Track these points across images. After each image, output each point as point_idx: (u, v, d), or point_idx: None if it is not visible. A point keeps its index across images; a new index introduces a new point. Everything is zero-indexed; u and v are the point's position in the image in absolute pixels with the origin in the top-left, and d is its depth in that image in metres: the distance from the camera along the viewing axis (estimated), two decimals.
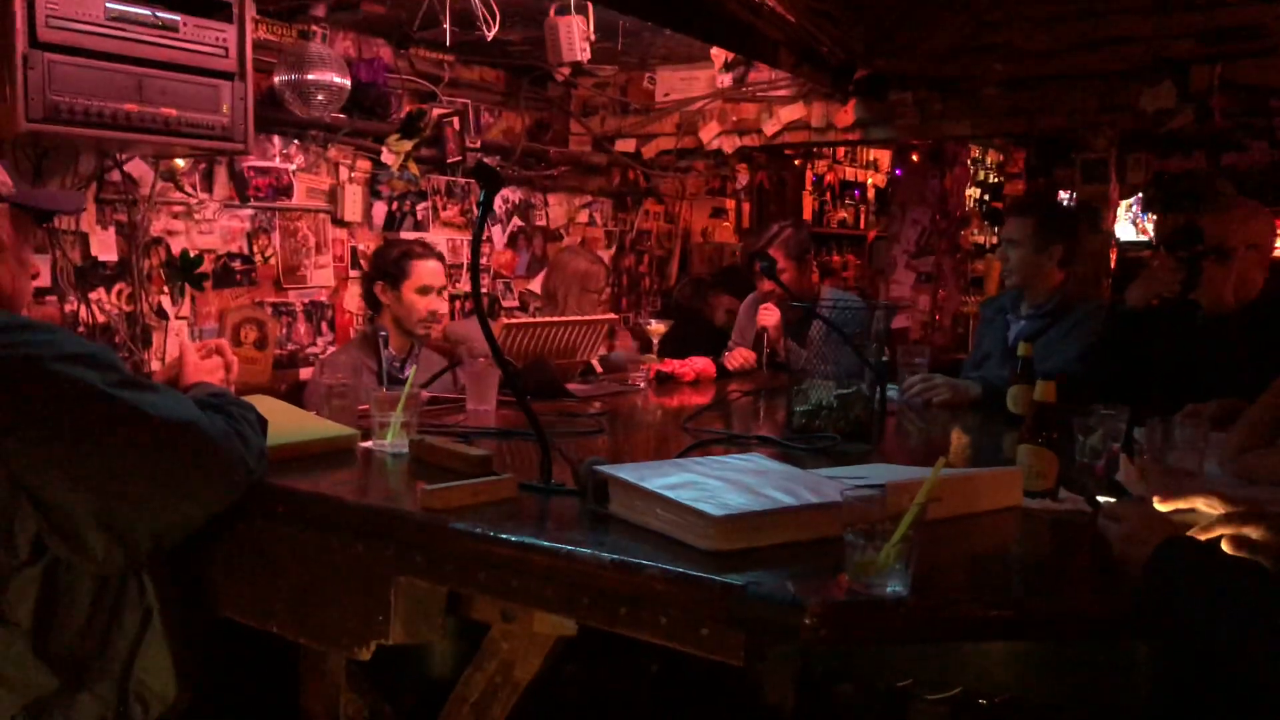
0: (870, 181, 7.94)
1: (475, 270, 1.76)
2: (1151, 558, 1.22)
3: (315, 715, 1.82)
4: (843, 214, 7.79)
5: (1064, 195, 5.27)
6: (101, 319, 3.31)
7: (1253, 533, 1.20)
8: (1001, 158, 7.02)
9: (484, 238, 4.87)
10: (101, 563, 1.50)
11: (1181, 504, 1.32)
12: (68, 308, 3.22)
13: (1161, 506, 1.34)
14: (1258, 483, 1.85)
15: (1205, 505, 1.29)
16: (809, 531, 1.45)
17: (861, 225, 7.97)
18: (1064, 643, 1.58)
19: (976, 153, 7.08)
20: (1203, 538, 1.22)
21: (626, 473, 1.58)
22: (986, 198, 7.43)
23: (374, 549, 1.56)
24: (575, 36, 3.46)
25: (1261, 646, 1.07)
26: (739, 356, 3.60)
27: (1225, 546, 1.20)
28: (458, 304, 4.76)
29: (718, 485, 1.54)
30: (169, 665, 1.59)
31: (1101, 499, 1.59)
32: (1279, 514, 1.23)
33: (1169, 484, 1.46)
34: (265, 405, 1.91)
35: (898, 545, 1.22)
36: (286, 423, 1.98)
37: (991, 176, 7.43)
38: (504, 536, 1.41)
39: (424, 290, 3.19)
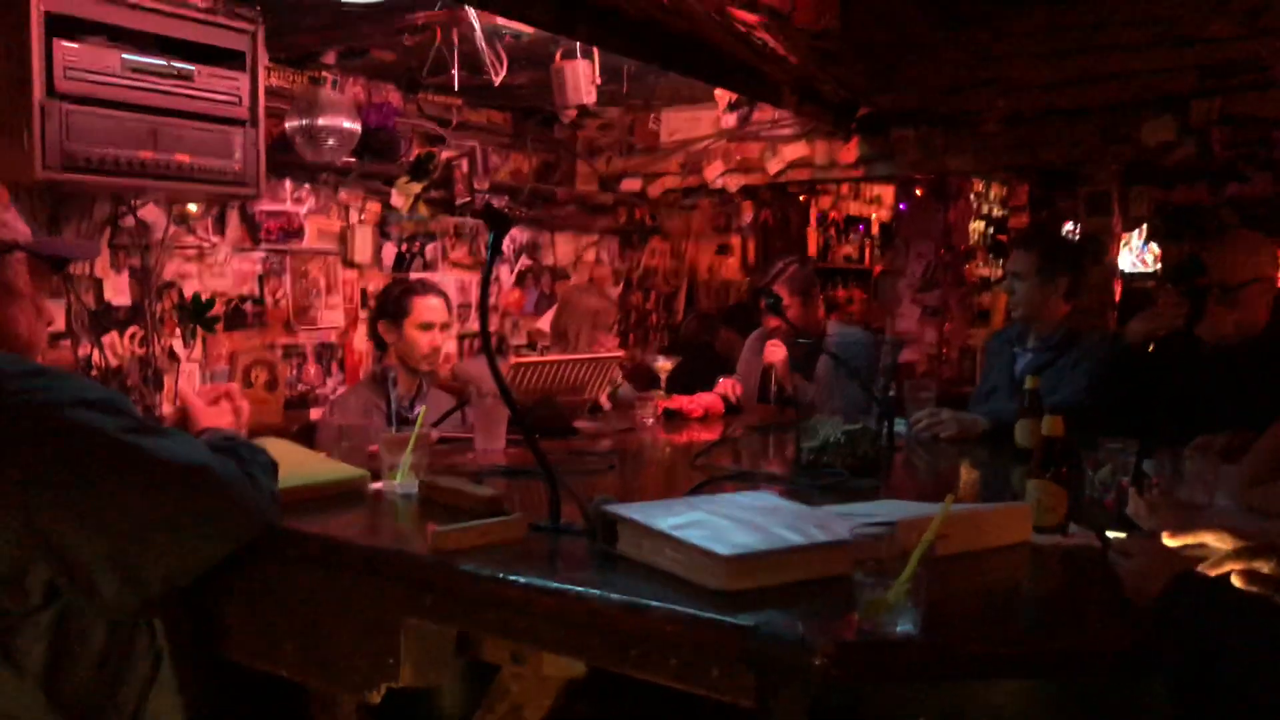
0: (874, 216, 7.98)
1: (484, 309, 1.78)
2: (1162, 594, 1.22)
3: None
4: (848, 249, 7.82)
5: (1068, 227, 5.29)
6: (114, 362, 3.34)
7: (1263, 567, 1.20)
8: (1005, 191, 7.05)
9: (492, 278, 4.92)
10: (114, 606, 1.50)
11: (1190, 539, 1.32)
12: (81, 351, 3.25)
13: (1171, 542, 1.34)
14: (1269, 515, 1.85)
15: (1215, 540, 1.29)
16: (818, 570, 1.45)
17: (866, 260, 8.00)
18: (1077, 680, 1.57)
19: (980, 187, 7.12)
20: (1212, 573, 1.22)
21: (635, 513, 1.58)
22: (991, 231, 7.46)
23: (383, 590, 1.56)
24: (581, 80, 3.52)
25: (1272, 683, 1.07)
26: (725, 386, 3.58)
27: (1235, 581, 1.20)
28: (467, 343, 4.79)
29: (726, 524, 1.55)
30: (179, 709, 1.59)
31: (1111, 534, 1.59)
32: None
33: (1178, 518, 1.46)
34: (275, 447, 1.92)
35: (907, 584, 1.22)
36: (297, 464, 1.99)
37: (995, 210, 7.46)
38: (513, 578, 1.42)
39: (425, 326, 3.20)
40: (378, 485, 2.04)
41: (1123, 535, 1.55)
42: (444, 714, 1.86)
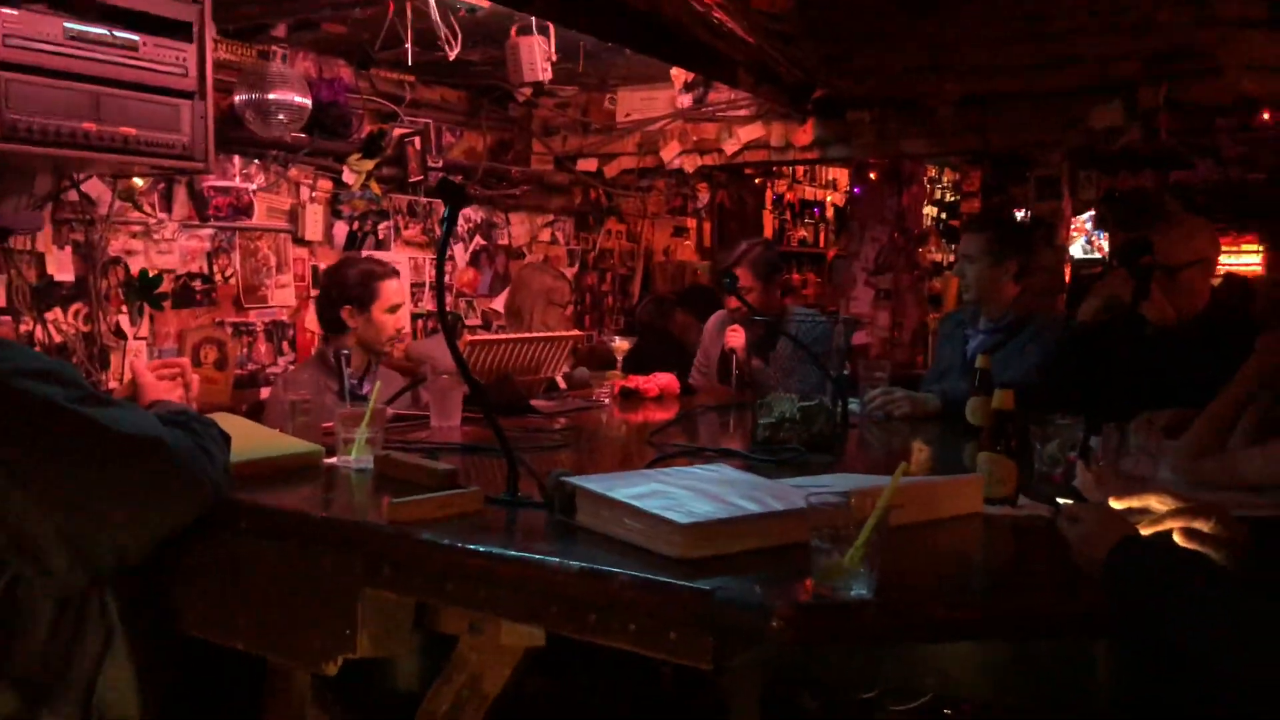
0: (829, 200, 8.05)
1: (440, 285, 1.77)
2: (1108, 556, 1.25)
3: None
4: (803, 233, 7.88)
5: (1019, 213, 5.38)
6: (58, 339, 3.27)
7: (1203, 526, 1.24)
8: (958, 176, 7.15)
9: (447, 256, 4.89)
10: (63, 580, 1.48)
11: (1135, 502, 1.36)
12: (23, 328, 3.17)
13: (1116, 504, 1.38)
14: (1209, 487, 1.90)
15: (1157, 502, 1.33)
16: (775, 538, 1.46)
17: (821, 244, 8.07)
18: (1027, 644, 1.61)
19: (934, 172, 7.20)
20: (1151, 530, 1.26)
21: (594, 483, 1.59)
22: (944, 216, 7.56)
23: (340, 562, 1.56)
24: (537, 57, 3.50)
25: (1214, 636, 1.11)
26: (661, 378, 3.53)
27: (1176, 538, 1.24)
28: (420, 323, 4.75)
29: (684, 494, 1.56)
30: (132, 685, 1.57)
31: (1061, 501, 1.63)
32: (1226, 508, 1.27)
33: (1123, 486, 1.50)
34: (228, 422, 1.90)
35: (861, 549, 1.24)
36: (251, 439, 1.97)
37: (949, 195, 7.56)
38: (472, 547, 1.42)
39: (394, 309, 3.17)
40: (332, 460, 2.02)
41: (1078, 503, 1.59)
42: (401, 686, 1.85)
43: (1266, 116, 3.59)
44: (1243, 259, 8.42)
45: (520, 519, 1.66)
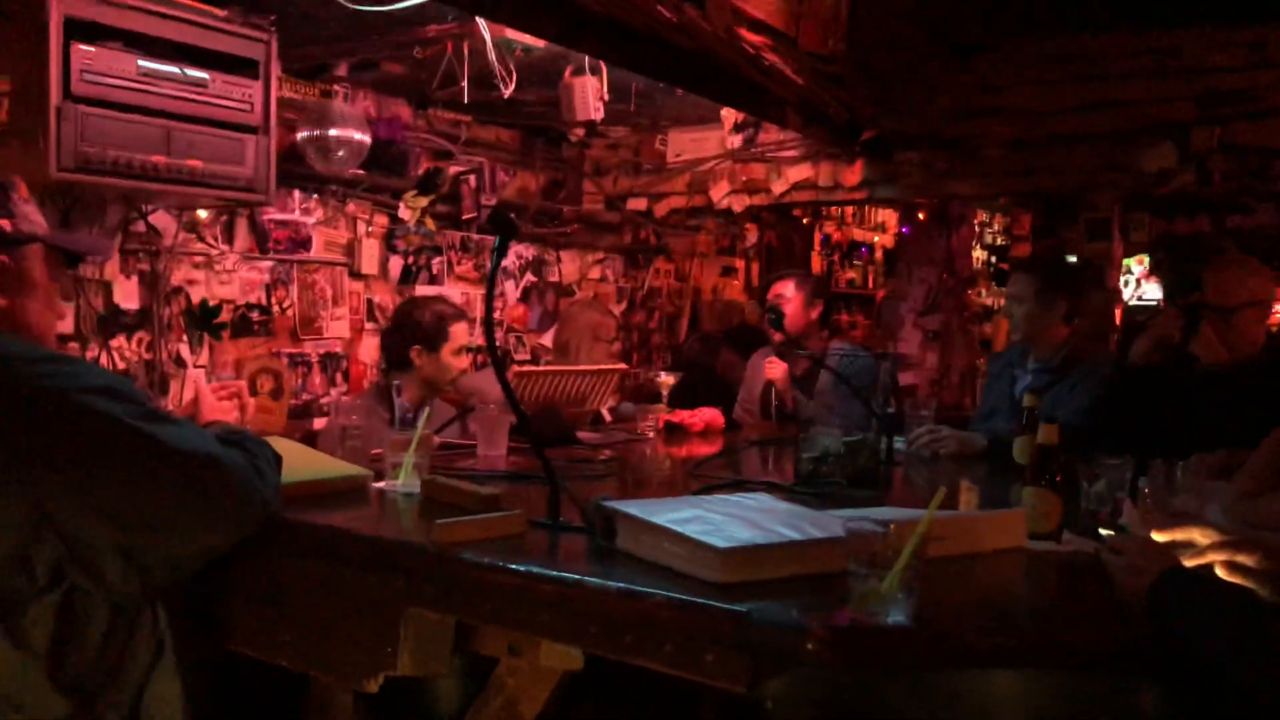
0: (878, 241, 8.03)
1: (489, 318, 1.81)
2: (1151, 588, 1.24)
3: None
4: (851, 274, 7.87)
5: (1070, 259, 5.34)
6: (121, 366, 3.37)
7: (1246, 559, 1.22)
8: (1008, 220, 7.11)
9: (498, 293, 4.97)
10: (118, 591, 1.53)
11: (1179, 535, 1.34)
12: (89, 354, 3.28)
13: (1159, 537, 1.36)
14: (1263, 528, 1.87)
15: (1201, 536, 1.31)
16: (814, 566, 1.47)
17: (870, 285, 8.05)
18: (1077, 687, 1.58)
19: (984, 216, 7.17)
20: (1195, 562, 1.24)
21: (634, 508, 1.60)
22: (994, 260, 7.51)
23: (384, 580, 1.58)
24: (589, 96, 3.57)
25: (1255, 669, 1.09)
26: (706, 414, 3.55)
27: (1219, 572, 1.22)
28: (471, 357, 4.82)
29: (724, 520, 1.57)
30: (179, 697, 1.61)
31: (1105, 532, 1.61)
32: (1269, 541, 1.25)
33: (1169, 521, 1.49)
34: (281, 445, 1.94)
35: (899, 575, 1.24)
36: (301, 461, 2.01)
37: (999, 239, 7.51)
38: (513, 566, 1.44)
39: (460, 352, 3.22)
40: (380, 484, 2.06)
41: (1121, 535, 1.57)
42: (440, 708, 1.87)
43: None
44: None
45: (561, 542, 1.68)
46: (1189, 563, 1.28)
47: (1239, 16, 3.77)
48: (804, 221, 6.52)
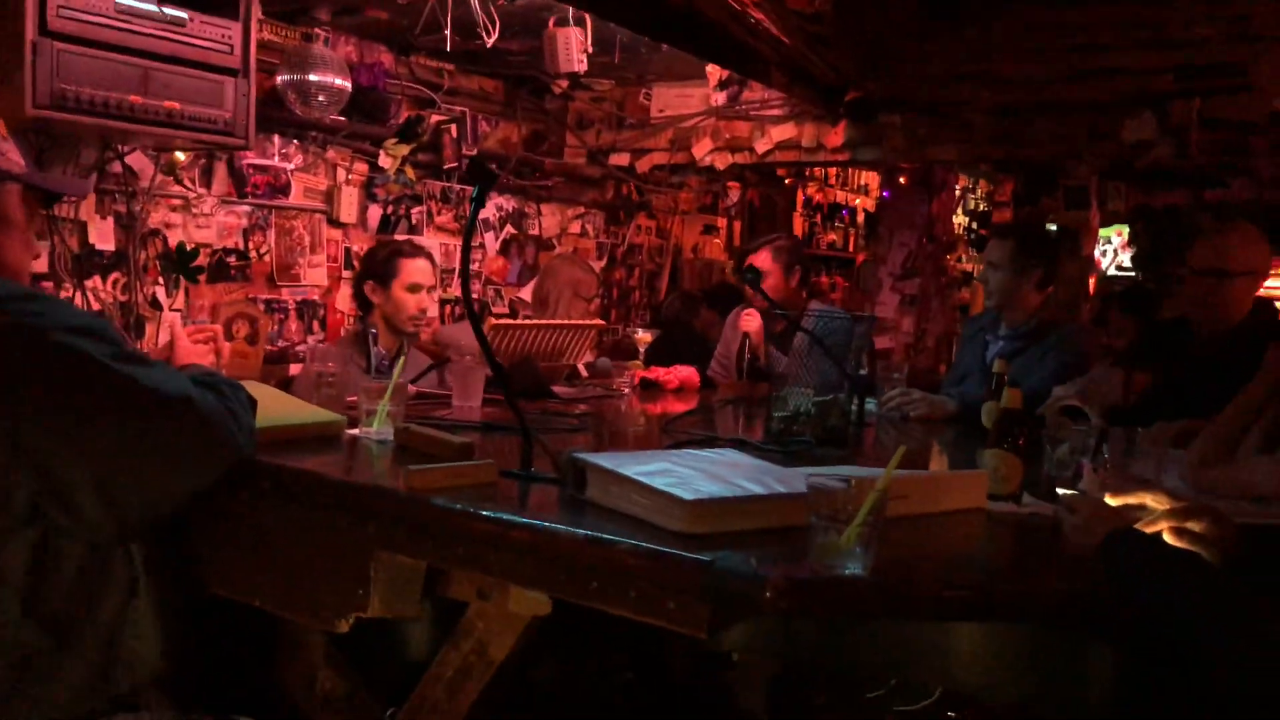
0: (860, 204, 8.05)
1: (465, 269, 1.82)
2: (1101, 546, 1.28)
3: (293, 691, 1.86)
4: (832, 236, 7.89)
5: (1050, 227, 5.38)
6: (96, 306, 3.36)
7: (1195, 525, 1.26)
8: (991, 186, 7.13)
9: (477, 244, 4.95)
10: (94, 529, 1.54)
11: (1131, 499, 1.39)
12: (63, 294, 3.26)
13: (1114, 501, 1.41)
14: (1216, 495, 1.92)
15: (1152, 501, 1.36)
16: (776, 519, 1.50)
17: (850, 248, 8.07)
18: (1031, 641, 1.63)
19: (967, 181, 7.18)
20: (1148, 529, 1.29)
21: (604, 460, 1.63)
22: (975, 225, 7.54)
23: (357, 525, 1.61)
24: (573, 47, 3.55)
25: (1203, 630, 1.14)
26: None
27: (1168, 537, 1.27)
28: (448, 309, 4.82)
29: (691, 474, 1.60)
30: (155, 633, 1.64)
31: (1061, 492, 1.66)
32: (1219, 509, 1.29)
33: (1124, 486, 1.53)
34: (256, 390, 1.95)
35: (859, 529, 1.28)
36: (276, 406, 2.03)
37: (981, 205, 7.54)
38: (484, 513, 1.47)
39: (414, 288, 3.21)
40: (354, 431, 2.08)
41: (1076, 493, 1.62)
42: (410, 650, 1.91)
43: None
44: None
45: (532, 492, 1.71)
46: (1140, 527, 1.33)
47: None
48: (786, 182, 6.52)
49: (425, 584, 1.66)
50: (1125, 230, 7.11)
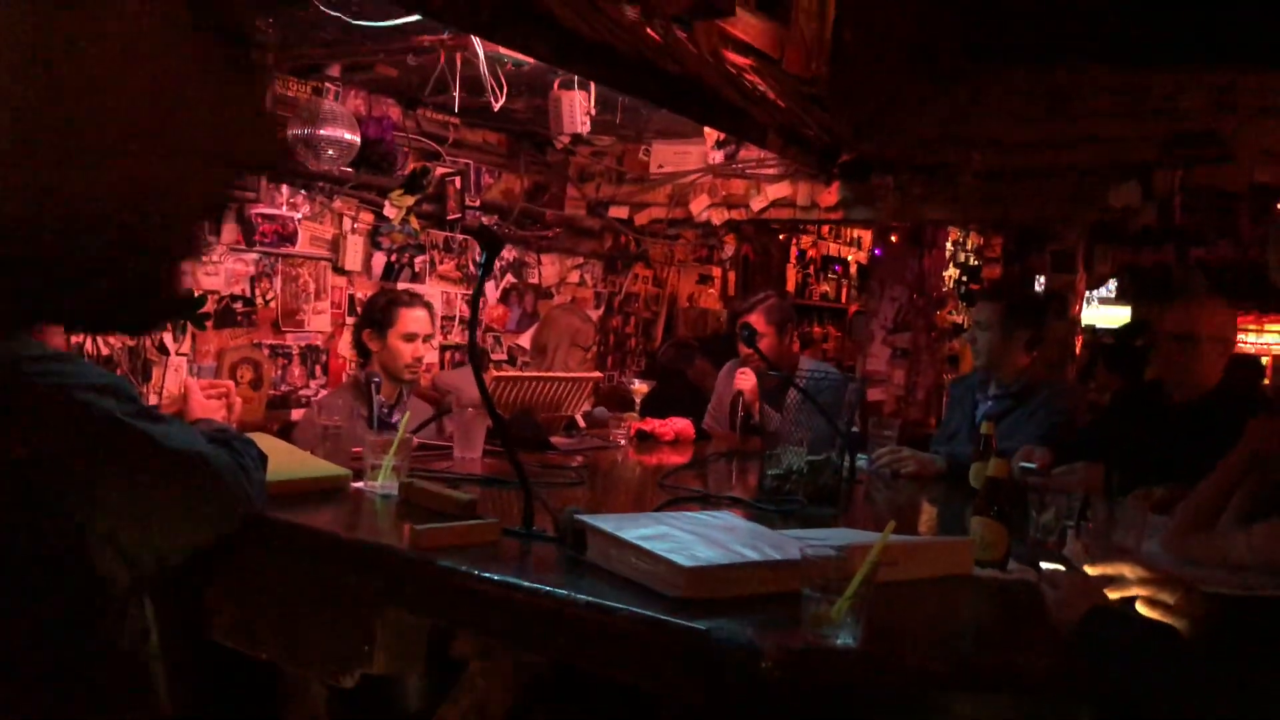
0: (852, 258, 8.16)
1: (472, 326, 1.89)
2: (1079, 622, 1.35)
3: None
4: (825, 287, 7.99)
5: (1040, 279, 5.48)
6: (105, 351, 3.42)
7: (1168, 598, 1.33)
8: (981, 241, 7.25)
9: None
10: (107, 582, 1.59)
11: (1109, 570, 1.45)
12: (74, 339, 3.32)
13: (1092, 571, 1.47)
14: (1194, 564, 1.98)
15: (1129, 571, 1.42)
16: (771, 586, 1.56)
17: (843, 299, 8.17)
18: (1014, 701, 1.69)
19: (958, 235, 7.30)
20: (1119, 595, 1.35)
21: (605, 523, 1.69)
22: (965, 279, 7.65)
23: (364, 582, 1.66)
24: (577, 110, 3.65)
25: (1172, 702, 1.20)
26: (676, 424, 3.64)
27: (1141, 607, 1.33)
28: (448, 354, 4.89)
29: (689, 539, 1.66)
30: (161, 681, 1.68)
31: (1045, 565, 1.72)
32: (1190, 582, 1.36)
33: (1104, 556, 1.59)
34: (264, 443, 2.01)
35: (850, 600, 1.34)
36: (284, 460, 2.08)
37: (971, 259, 7.65)
38: (488, 575, 1.52)
39: (409, 337, 3.27)
40: (359, 485, 2.13)
41: (1057, 568, 1.68)
42: (408, 704, 1.95)
43: None
44: (1265, 339, 8.45)
45: (534, 551, 1.76)
46: (1115, 595, 1.39)
47: (1209, 58, 3.90)
48: (780, 236, 6.63)
49: (430, 640, 1.72)
50: (1113, 282, 7.23)
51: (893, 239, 5.79)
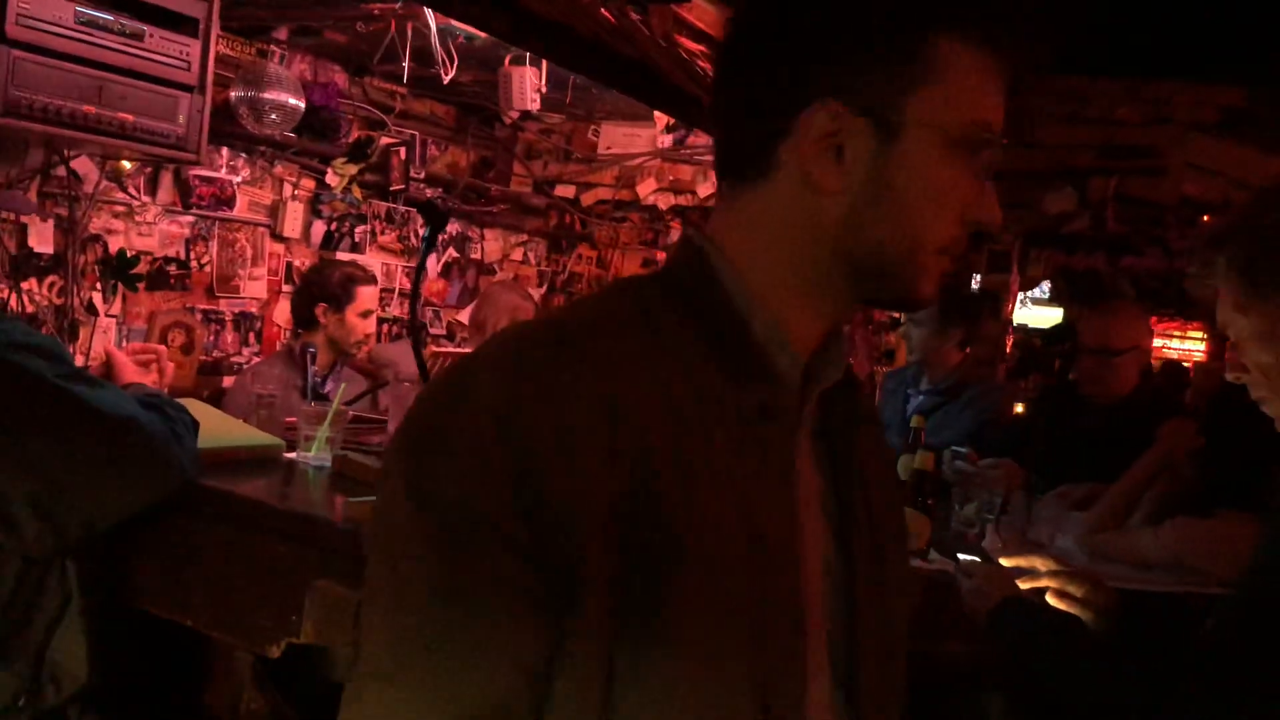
0: None
1: (414, 301, 1.89)
2: (991, 611, 1.40)
3: (218, 711, 1.89)
4: None
5: (975, 279, 5.59)
6: (30, 309, 3.33)
7: (1075, 590, 1.39)
8: None
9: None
10: (32, 545, 1.57)
11: (1022, 561, 1.51)
12: None
13: (1006, 562, 1.53)
14: (1107, 559, 2.07)
15: (1040, 564, 1.48)
16: None
17: None
18: (931, 686, 1.74)
19: None
20: (1029, 586, 1.41)
21: None
22: None
23: (296, 552, 1.66)
24: (527, 87, 3.64)
25: (1074, 689, 1.26)
26: None
27: (1050, 599, 1.39)
28: (385, 327, 4.84)
29: None
30: (83, 649, 1.66)
31: (962, 557, 1.78)
32: (1099, 576, 1.42)
33: (1019, 549, 1.66)
34: (196, 409, 1.99)
35: None
36: (216, 427, 2.06)
37: None
38: None
39: (366, 314, 3.29)
40: (292, 455, 2.12)
41: (973, 559, 1.74)
42: (337, 675, 1.95)
43: (1206, 219, 3.82)
44: (1188, 345, 8.73)
45: None
46: (1026, 586, 1.45)
47: (1149, 70, 4.02)
48: None
49: (357, 610, 1.72)
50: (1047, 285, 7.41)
51: None
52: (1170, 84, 4.00)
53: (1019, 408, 3.69)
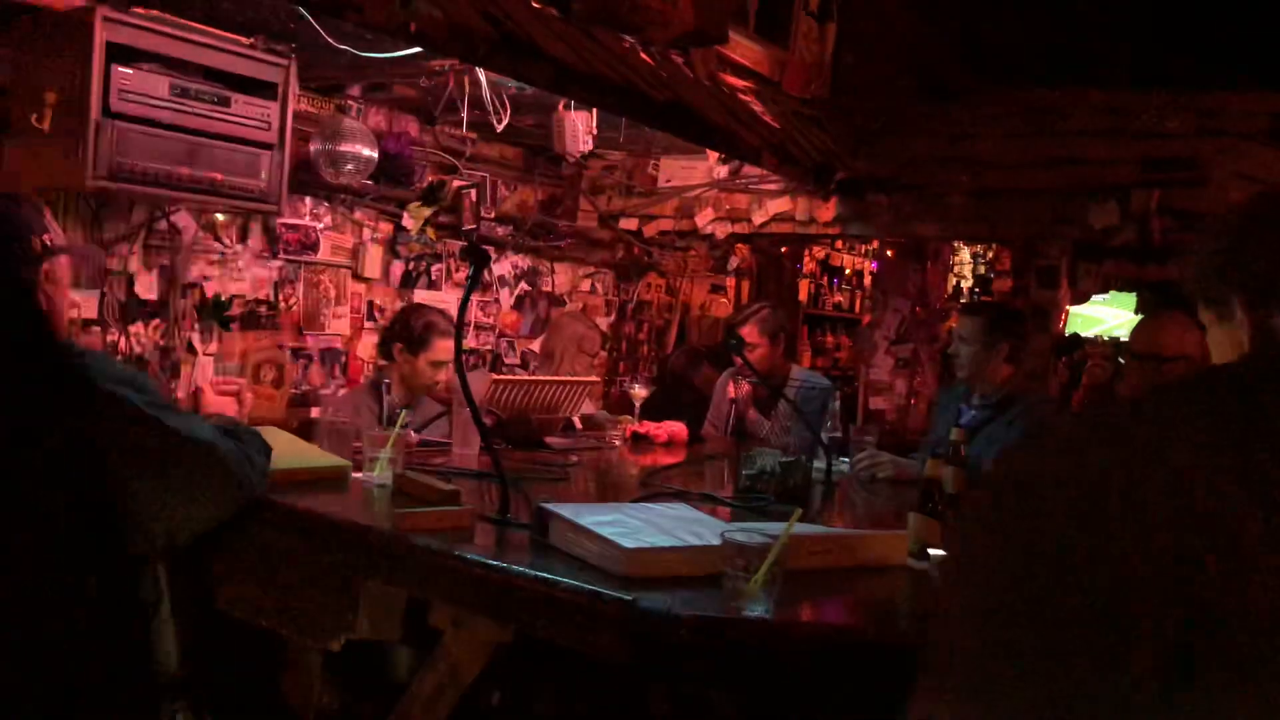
0: (866, 268, 8.31)
1: (459, 332, 2.11)
2: None
3: (294, 701, 2.12)
4: (838, 298, 8.15)
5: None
6: (139, 350, 3.68)
7: None
8: (992, 254, 7.38)
9: (493, 299, 5.27)
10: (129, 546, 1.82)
11: None
12: (109, 338, 3.60)
13: None
14: None
15: None
16: (706, 568, 1.75)
17: (856, 309, 8.32)
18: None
19: (977, 248, 7.42)
20: None
21: (565, 510, 1.90)
22: (978, 290, 7.77)
23: (349, 557, 1.88)
24: (580, 130, 3.87)
25: None
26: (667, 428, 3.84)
27: None
28: (463, 358, 5.12)
29: (639, 525, 1.86)
30: (173, 641, 1.91)
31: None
32: None
33: None
34: (272, 435, 2.25)
35: (762, 578, 1.54)
36: (290, 451, 2.31)
37: (982, 269, 7.77)
38: (452, 551, 1.74)
39: (437, 364, 3.42)
40: (358, 475, 2.35)
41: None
42: (394, 671, 2.17)
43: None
44: None
45: (505, 535, 1.98)
46: None
47: (1195, 82, 4.04)
48: (783, 250, 6.81)
49: (409, 611, 1.93)
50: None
51: (889, 254, 5.96)
52: (1220, 94, 4.01)
53: None
